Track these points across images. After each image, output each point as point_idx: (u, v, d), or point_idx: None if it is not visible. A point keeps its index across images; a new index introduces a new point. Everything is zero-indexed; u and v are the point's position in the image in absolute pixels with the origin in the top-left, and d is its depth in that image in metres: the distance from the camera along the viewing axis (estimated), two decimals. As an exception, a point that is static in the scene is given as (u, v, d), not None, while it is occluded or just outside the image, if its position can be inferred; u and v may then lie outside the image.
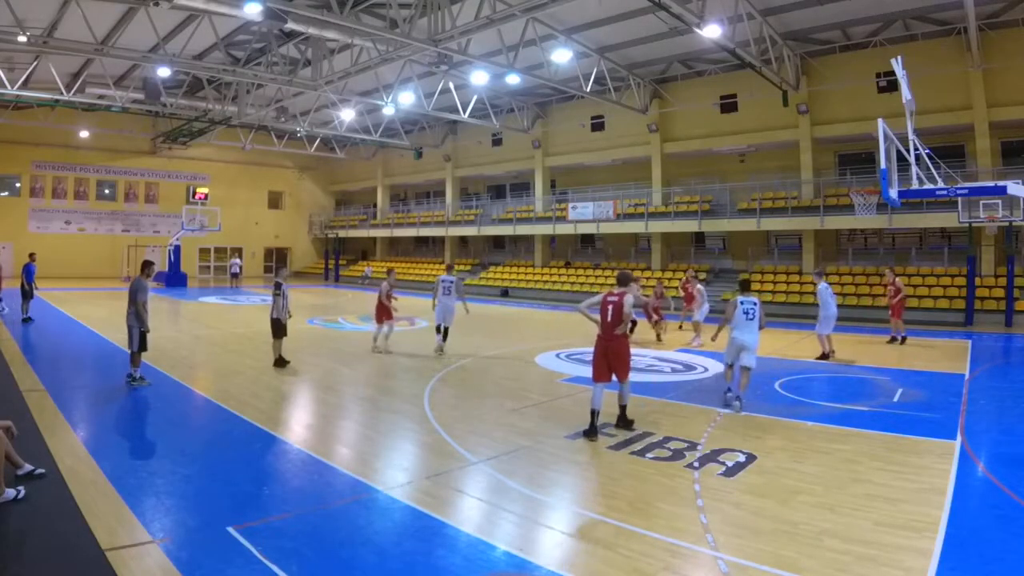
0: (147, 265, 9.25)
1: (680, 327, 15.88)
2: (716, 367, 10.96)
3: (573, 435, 6.71)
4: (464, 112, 25.49)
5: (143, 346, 8.73)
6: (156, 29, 17.60)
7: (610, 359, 6.89)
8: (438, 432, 6.78)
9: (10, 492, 4.62)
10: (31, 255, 16.56)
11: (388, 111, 27.03)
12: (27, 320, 15.05)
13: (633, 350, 13.08)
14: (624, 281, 7.28)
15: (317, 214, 43.63)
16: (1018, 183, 10.28)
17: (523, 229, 30.09)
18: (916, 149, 9.00)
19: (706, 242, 26.74)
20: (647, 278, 24.94)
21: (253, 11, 14.25)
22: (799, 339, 14.71)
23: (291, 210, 43.57)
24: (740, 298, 8.07)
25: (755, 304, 8.03)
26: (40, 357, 10.84)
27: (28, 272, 15.69)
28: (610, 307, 6.92)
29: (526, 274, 29.66)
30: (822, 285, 11.95)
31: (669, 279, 24.73)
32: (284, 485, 5.31)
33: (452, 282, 12.05)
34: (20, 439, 5.16)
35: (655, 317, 14.45)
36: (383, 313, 12.00)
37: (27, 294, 15.49)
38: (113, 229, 36.26)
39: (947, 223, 18.36)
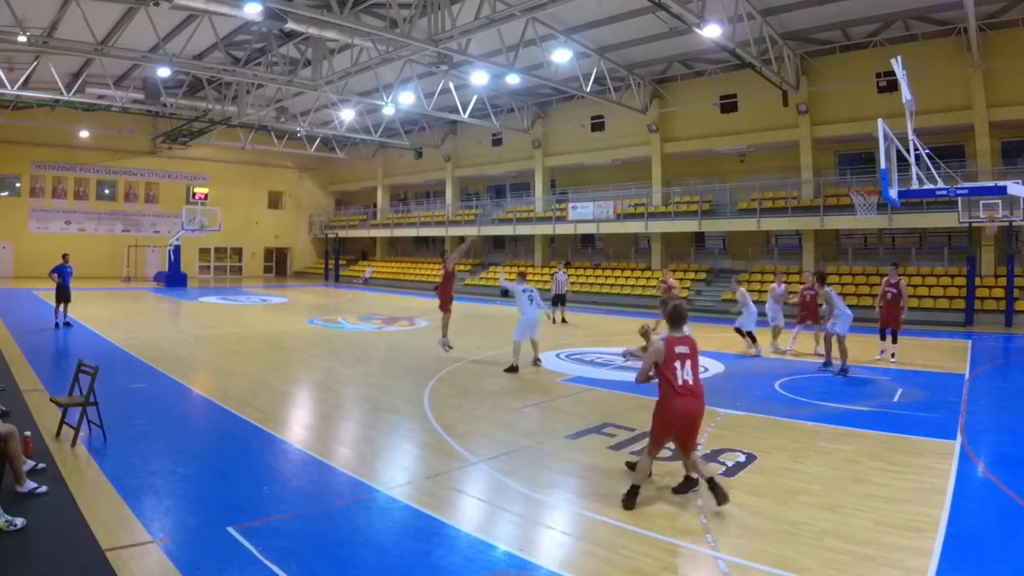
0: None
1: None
2: (716, 367, 10.97)
3: (573, 435, 6.71)
4: (464, 112, 25.48)
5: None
6: (156, 29, 17.59)
7: None
8: (438, 432, 6.78)
9: (30, 484, 4.72)
10: (64, 256, 15.30)
11: (388, 111, 27.01)
12: (63, 325, 14.32)
13: (632, 350, 13.14)
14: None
15: (317, 214, 43.61)
16: (1018, 183, 10.26)
17: (523, 229, 30.09)
18: (916, 149, 8.99)
19: (706, 242, 26.73)
20: (647, 278, 24.98)
21: (253, 11, 14.26)
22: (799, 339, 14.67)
23: (291, 210, 43.56)
24: None
25: None
26: (40, 357, 10.84)
27: (61, 273, 14.66)
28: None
29: (526, 274, 29.58)
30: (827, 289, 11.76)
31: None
32: (284, 485, 5.31)
33: (533, 292, 11.14)
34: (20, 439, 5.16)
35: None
36: (446, 301, 11.43)
37: (62, 296, 14.52)
38: (113, 229, 36.26)
39: (947, 223, 18.36)
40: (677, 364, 4.81)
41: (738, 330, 12.71)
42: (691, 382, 4.82)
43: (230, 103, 26.22)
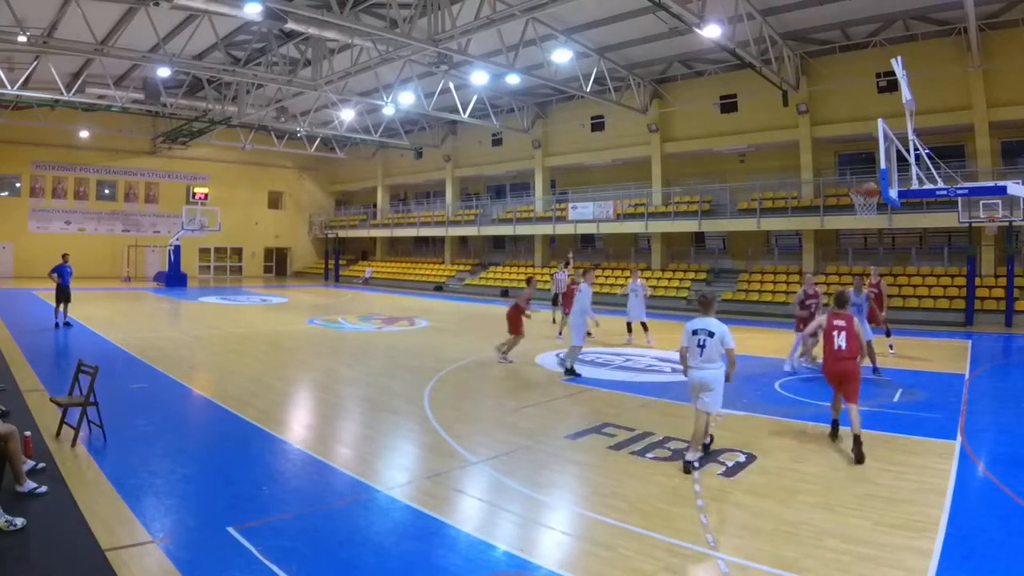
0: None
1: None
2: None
3: (573, 435, 6.71)
4: (464, 112, 25.48)
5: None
6: (156, 29, 17.60)
7: None
8: (438, 432, 6.78)
9: (30, 484, 4.72)
10: (64, 256, 15.24)
11: (388, 111, 27.00)
12: (63, 325, 14.29)
13: (633, 350, 13.22)
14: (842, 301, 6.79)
15: (317, 214, 43.59)
16: (1018, 183, 10.27)
17: (523, 229, 30.08)
18: (916, 149, 9.00)
19: (706, 242, 26.72)
20: (647, 278, 24.97)
21: (253, 11, 14.27)
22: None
23: (291, 210, 43.54)
24: None
25: None
26: (40, 357, 10.84)
27: (61, 272, 14.60)
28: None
29: (526, 274, 29.59)
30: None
31: (669, 278, 24.79)
32: (284, 485, 5.31)
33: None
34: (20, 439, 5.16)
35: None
36: (518, 324, 11.25)
37: (62, 296, 14.46)
38: (113, 229, 36.25)
39: (947, 223, 18.35)
40: (835, 334, 5.95)
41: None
42: (843, 348, 5.90)
43: (230, 103, 26.21)
